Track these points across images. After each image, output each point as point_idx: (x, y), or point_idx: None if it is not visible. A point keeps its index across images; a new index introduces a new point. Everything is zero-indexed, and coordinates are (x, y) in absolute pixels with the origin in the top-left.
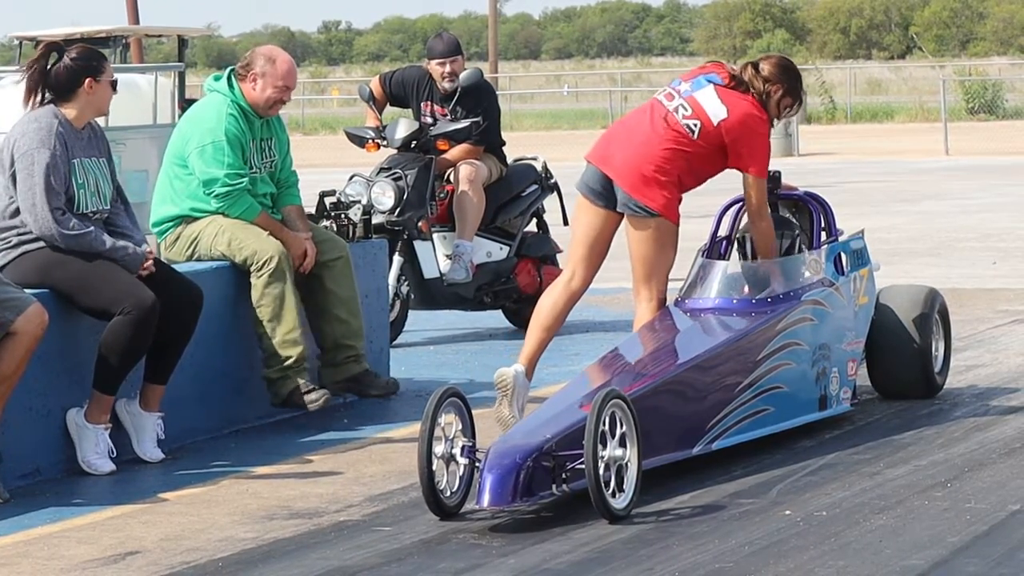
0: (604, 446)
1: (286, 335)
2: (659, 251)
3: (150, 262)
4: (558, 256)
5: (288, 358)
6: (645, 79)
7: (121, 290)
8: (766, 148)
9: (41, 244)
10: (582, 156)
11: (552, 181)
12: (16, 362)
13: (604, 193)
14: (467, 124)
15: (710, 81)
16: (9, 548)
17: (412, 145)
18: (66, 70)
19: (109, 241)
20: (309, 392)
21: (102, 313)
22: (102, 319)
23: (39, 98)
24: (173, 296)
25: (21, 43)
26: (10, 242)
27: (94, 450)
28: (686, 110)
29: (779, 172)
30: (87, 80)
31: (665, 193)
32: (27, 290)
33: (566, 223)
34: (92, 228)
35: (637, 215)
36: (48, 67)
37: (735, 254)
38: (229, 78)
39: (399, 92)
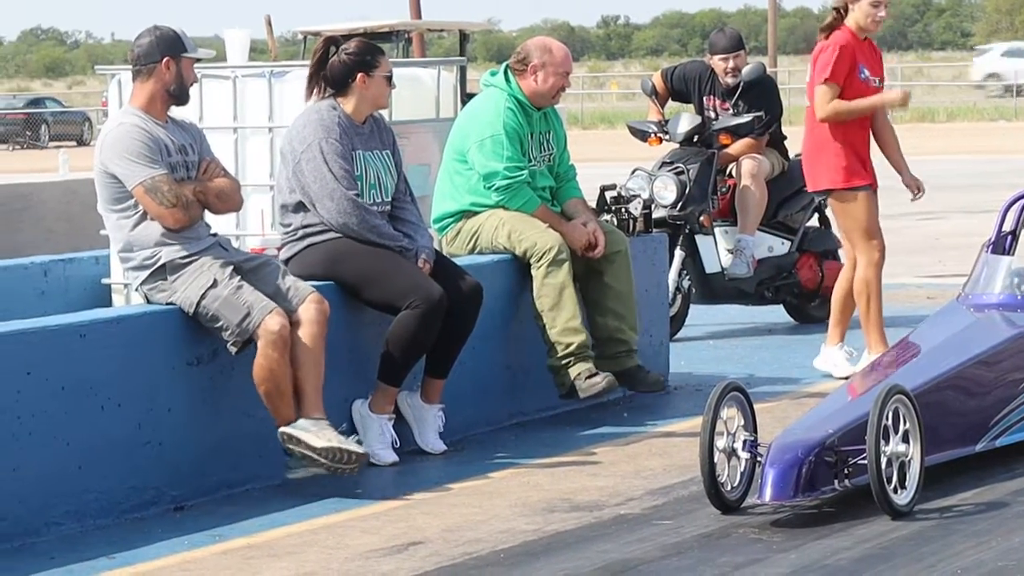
0: (887, 442)
1: (566, 323)
2: None
3: (428, 266)
4: (839, 251)
5: (569, 345)
6: (926, 73)
7: (409, 284)
8: None
9: (326, 237)
10: None
11: None
12: (312, 350)
13: None
14: (749, 119)
15: None
16: (295, 537)
17: (694, 139)
18: (340, 64)
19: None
20: (591, 376)
21: (389, 307)
22: (388, 312)
23: (318, 92)
24: (454, 290)
25: (306, 38)
26: (296, 235)
27: (379, 440)
28: None
29: None
30: (359, 75)
31: None
32: (312, 282)
33: None
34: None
35: None
36: (326, 61)
37: (1021, 249)
38: (505, 73)
39: (681, 87)
